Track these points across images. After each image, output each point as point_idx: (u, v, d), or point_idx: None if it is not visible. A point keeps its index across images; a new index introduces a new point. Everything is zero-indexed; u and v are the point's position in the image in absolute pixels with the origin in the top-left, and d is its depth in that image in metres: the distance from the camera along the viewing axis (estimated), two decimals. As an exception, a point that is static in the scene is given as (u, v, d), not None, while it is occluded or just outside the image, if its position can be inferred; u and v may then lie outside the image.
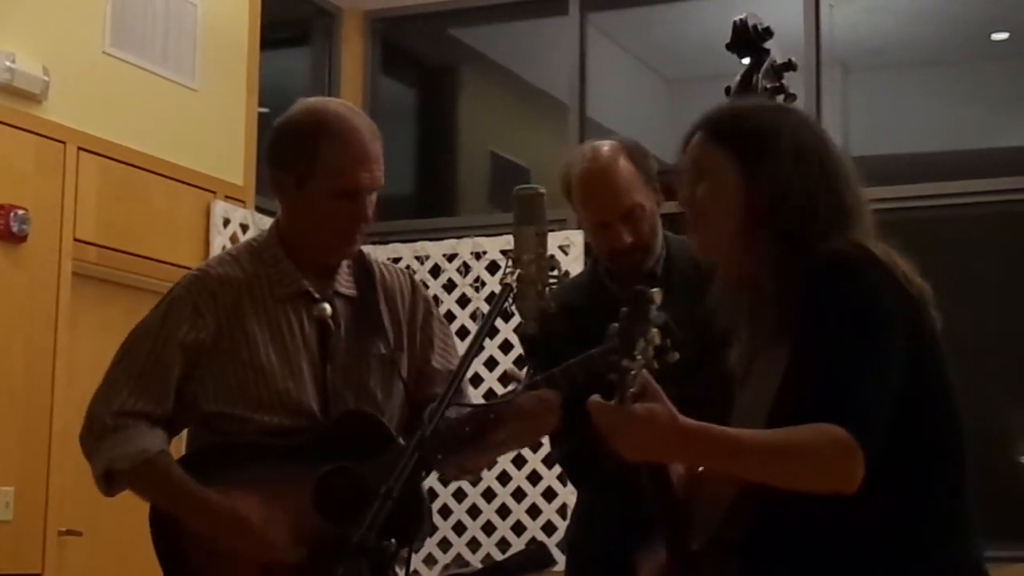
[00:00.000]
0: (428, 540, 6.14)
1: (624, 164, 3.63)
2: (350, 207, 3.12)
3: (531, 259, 2.75)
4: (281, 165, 3.19)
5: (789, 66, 3.70)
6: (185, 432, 3.32)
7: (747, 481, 2.40)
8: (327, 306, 3.19)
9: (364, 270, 3.30)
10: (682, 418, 2.30)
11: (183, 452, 3.29)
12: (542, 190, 2.84)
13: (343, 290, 3.25)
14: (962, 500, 2.48)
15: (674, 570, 2.56)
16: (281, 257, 3.22)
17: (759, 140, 2.55)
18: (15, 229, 5.76)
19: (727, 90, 3.72)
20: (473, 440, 3.09)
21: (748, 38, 3.69)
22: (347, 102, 3.33)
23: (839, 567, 2.43)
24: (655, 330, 2.29)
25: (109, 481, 3.17)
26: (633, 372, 2.26)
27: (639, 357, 2.26)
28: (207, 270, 3.25)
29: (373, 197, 3.16)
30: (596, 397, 2.32)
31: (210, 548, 3.11)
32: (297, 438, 3.12)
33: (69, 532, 5.98)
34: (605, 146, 3.69)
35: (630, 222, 3.61)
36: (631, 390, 2.26)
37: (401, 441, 3.11)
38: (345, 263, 3.28)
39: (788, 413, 2.35)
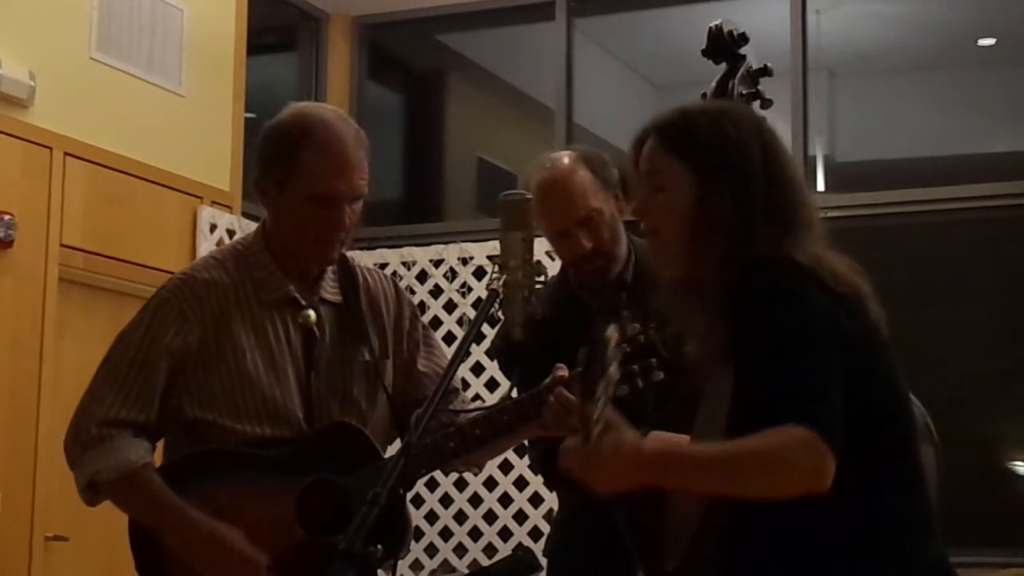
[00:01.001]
0: (414, 545, 6.15)
1: (581, 172, 3.65)
2: (328, 214, 3.11)
3: (518, 265, 2.75)
4: (265, 167, 3.19)
5: (765, 72, 3.71)
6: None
7: (713, 496, 2.40)
8: (312, 313, 3.19)
9: (348, 276, 3.30)
10: (646, 444, 2.32)
11: (163, 459, 3.28)
12: (529, 196, 2.85)
13: (328, 296, 3.25)
14: (915, 498, 2.48)
15: None
16: (267, 262, 3.22)
17: (713, 151, 2.55)
18: (1, 234, 5.75)
19: (703, 96, 3.74)
20: (482, 443, 3.09)
21: (724, 44, 3.70)
22: (338, 109, 3.32)
23: (804, 569, 2.42)
24: (612, 369, 2.30)
25: (92, 491, 3.16)
26: (595, 417, 2.26)
27: (599, 402, 2.26)
28: (193, 274, 3.23)
29: (357, 206, 3.15)
30: (567, 443, 2.34)
31: (189, 563, 3.10)
32: (280, 449, 3.11)
33: (55, 538, 5.96)
34: (563, 156, 3.71)
35: (588, 228, 3.62)
36: (596, 431, 2.27)
37: (384, 456, 3.11)
38: (330, 269, 3.27)
39: (744, 429, 2.34)
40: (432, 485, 7.34)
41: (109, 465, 3.09)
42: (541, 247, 2.97)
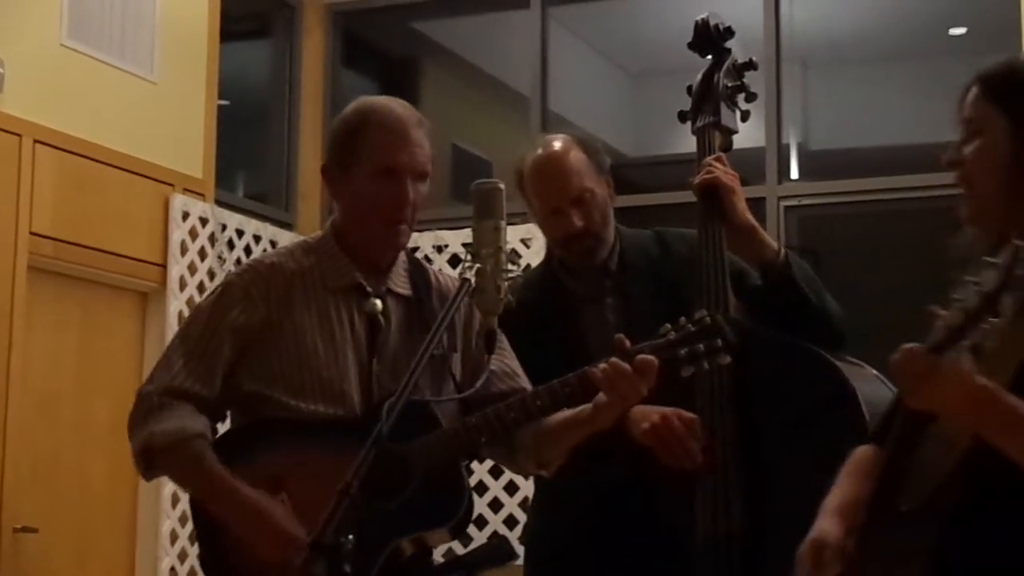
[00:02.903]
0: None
1: (575, 152, 3.69)
2: (392, 189, 3.18)
3: (490, 253, 2.76)
4: (331, 159, 3.28)
5: (750, 65, 3.73)
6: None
7: (974, 448, 2.33)
8: (378, 301, 3.23)
9: (420, 273, 3.35)
10: (985, 381, 2.22)
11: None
12: (501, 184, 2.85)
13: (397, 289, 3.29)
14: None
15: (874, 528, 2.51)
16: (335, 251, 3.28)
17: None
18: (-29, 222, 5.72)
19: (688, 89, 3.75)
20: (543, 414, 3.06)
21: (710, 37, 3.72)
22: (399, 99, 3.37)
23: None
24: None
25: (147, 460, 3.17)
26: (986, 327, 2.13)
27: (999, 318, 2.12)
28: (261, 259, 3.33)
29: (422, 187, 3.22)
30: (909, 344, 2.22)
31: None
32: (341, 419, 3.14)
33: (24, 529, 5.92)
34: (558, 138, 3.75)
35: (581, 207, 3.65)
36: (966, 340, 2.16)
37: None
38: (402, 264, 3.32)
39: None
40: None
41: (166, 429, 3.11)
42: (515, 235, 2.96)
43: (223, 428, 3.33)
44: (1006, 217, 2.50)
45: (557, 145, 3.70)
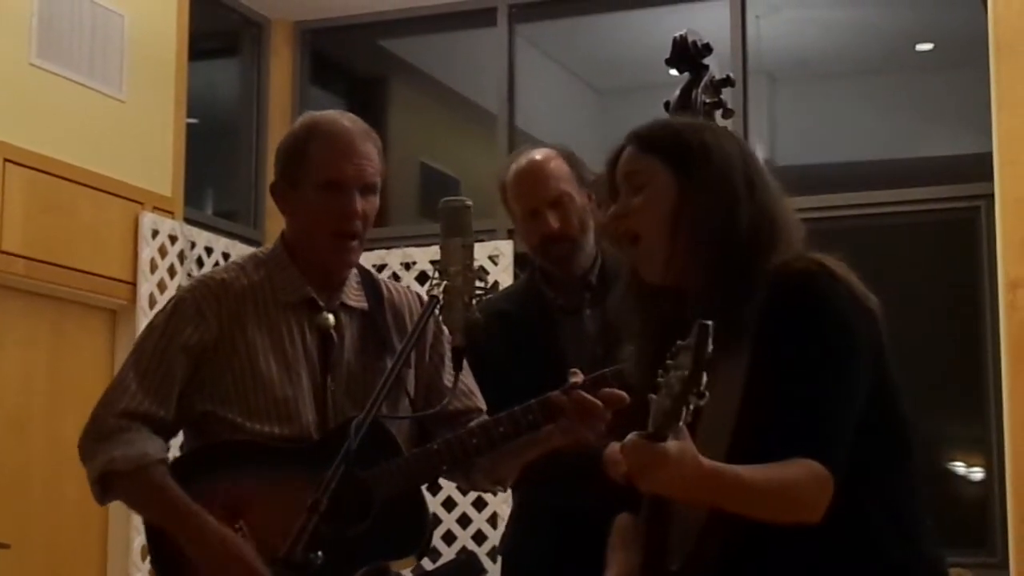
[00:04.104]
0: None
1: (556, 161, 3.78)
2: (339, 201, 3.15)
3: (458, 271, 2.77)
4: (279, 175, 3.25)
5: (727, 82, 3.75)
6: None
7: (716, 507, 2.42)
8: (330, 316, 3.20)
9: (372, 287, 3.32)
10: (702, 460, 2.28)
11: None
12: (468, 202, 2.86)
13: (351, 302, 3.26)
14: (917, 502, 2.54)
15: None
16: (287, 264, 3.25)
17: (692, 150, 2.56)
18: (-60, 241, 5.72)
19: (666, 105, 3.77)
20: (506, 441, 3.06)
21: (688, 54, 3.73)
22: (348, 113, 3.35)
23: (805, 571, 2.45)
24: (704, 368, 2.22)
25: (104, 485, 3.12)
26: (693, 407, 2.21)
27: (706, 393, 2.20)
28: (212, 275, 3.27)
29: (371, 200, 3.20)
30: (633, 435, 2.26)
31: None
32: (299, 442, 3.10)
33: (-4, 545, 5.92)
34: (541, 149, 3.85)
35: (558, 208, 3.71)
36: (680, 423, 2.22)
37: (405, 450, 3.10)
38: (354, 278, 3.30)
39: (753, 434, 2.38)
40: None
41: (127, 455, 3.06)
42: (483, 253, 2.98)
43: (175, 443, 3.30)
44: (675, 269, 2.54)
45: (539, 154, 3.80)
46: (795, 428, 2.36)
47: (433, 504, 7.29)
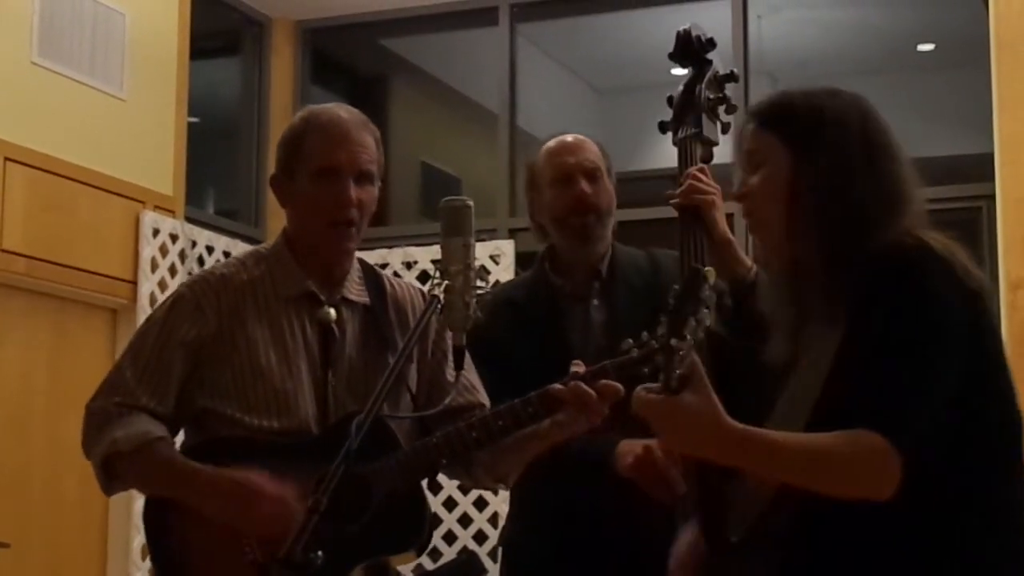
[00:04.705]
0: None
1: (593, 143, 3.84)
2: (334, 189, 3.14)
3: (458, 270, 2.76)
4: (278, 168, 3.25)
5: (731, 77, 3.73)
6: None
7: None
8: (331, 310, 3.19)
9: (374, 281, 3.32)
10: (725, 418, 2.28)
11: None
12: (469, 202, 2.84)
13: (353, 297, 3.25)
14: (1015, 492, 2.46)
15: (713, 560, 2.55)
16: (287, 258, 3.24)
17: (811, 125, 2.55)
18: (-59, 240, 5.72)
19: (669, 100, 3.75)
20: (505, 434, 3.03)
21: (691, 49, 3.72)
22: (346, 106, 3.33)
23: (881, 560, 2.41)
24: (706, 310, 2.25)
25: (109, 471, 3.11)
26: (682, 352, 2.22)
27: (688, 337, 2.22)
28: (212, 270, 3.26)
29: (368, 189, 3.19)
30: (641, 388, 2.28)
31: (208, 547, 3.05)
32: (299, 437, 3.08)
33: (-4, 544, 5.92)
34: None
35: (591, 180, 3.76)
36: (678, 371, 2.24)
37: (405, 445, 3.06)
38: (356, 272, 3.29)
39: (832, 409, 2.36)
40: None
41: (128, 435, 3.04)
42: (484, 252, 2.97)
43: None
44: (792, 249, 2.54)
45: (574, 135, 3.87)
46: (864, 400, 2.33)
47: (434, 504, 7.30)
